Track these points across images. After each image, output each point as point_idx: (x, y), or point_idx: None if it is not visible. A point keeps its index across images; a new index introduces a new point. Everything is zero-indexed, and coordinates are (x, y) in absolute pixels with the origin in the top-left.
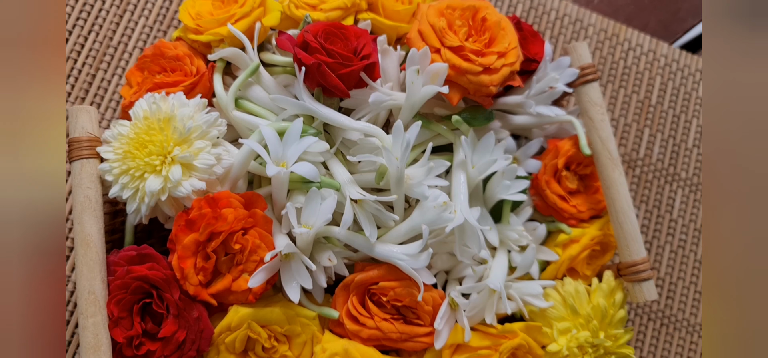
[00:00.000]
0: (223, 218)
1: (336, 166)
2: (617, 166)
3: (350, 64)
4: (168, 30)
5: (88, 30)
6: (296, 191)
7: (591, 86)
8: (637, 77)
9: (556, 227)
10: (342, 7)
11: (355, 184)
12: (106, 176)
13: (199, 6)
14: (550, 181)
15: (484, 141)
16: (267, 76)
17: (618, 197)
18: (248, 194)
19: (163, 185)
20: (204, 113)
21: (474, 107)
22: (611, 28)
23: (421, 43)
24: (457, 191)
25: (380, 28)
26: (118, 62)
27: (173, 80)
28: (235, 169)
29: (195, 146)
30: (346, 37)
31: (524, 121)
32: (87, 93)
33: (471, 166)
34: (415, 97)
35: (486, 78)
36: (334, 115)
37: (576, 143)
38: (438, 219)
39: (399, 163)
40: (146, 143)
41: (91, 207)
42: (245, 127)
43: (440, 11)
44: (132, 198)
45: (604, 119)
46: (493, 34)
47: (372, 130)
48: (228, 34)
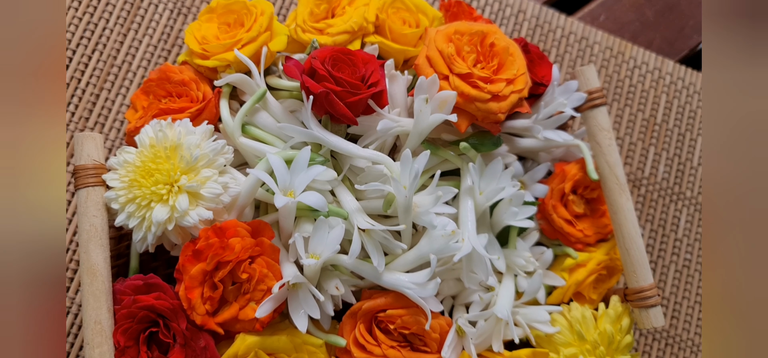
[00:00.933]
0: (230, 247)
1: (343, 194)
2: (625, 192)
3: (358, 93)
4: (172, 49)
5: (91, 49)
6: (303, 218)
7: (599, 111)
8: (643, 95)
9: (562, 251)
10: (349, 31)
11: (362, 212)
12: (112, 204)
13: (204, 29)
14: (556, 205)
15: (492, 167)
16: (274, 101)
17: (625, 222)
18: (255, 222)
19: (170, 214)
20: (211, 141)
21: (482, 133)
22: (616, 45)
23: (429, 69)
24: (465, 219)
25: (387, 51)
26: (122, 82)
27: (179, 106)
28: (242, 197)
29: (202, 175)
30: (354, 64)
31: (531, 145)
32: (90, 113)
33: (479, 193)
34: (423, 124)
35: (494, 105)
36: (341, 143)
37: (583, 167)
38: (446, 248)
39: (407, 193)
40: (153, 172)
41: (97, 236)
42: (252, 154)
43: (448, 37)
44: (138, 227)
45: (611, 144)
46: (501, 59)
47: (380, 158)
48: (234, 59)
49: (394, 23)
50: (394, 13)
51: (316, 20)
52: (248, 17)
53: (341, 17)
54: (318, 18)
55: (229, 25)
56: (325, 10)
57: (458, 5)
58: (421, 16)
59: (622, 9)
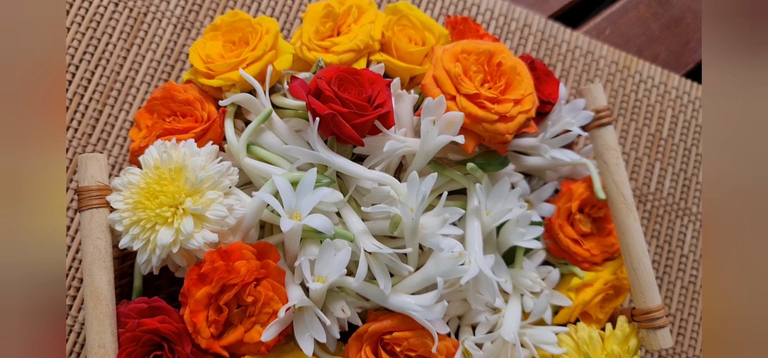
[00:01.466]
0: (235, 271)
1: (349, 215)
2: (632, 212)
3: (365, 114)
4: (176, 64)
5: (95, 64)
6: (309, 240)
7: (606, 130)
8: (648, 110)
9: (568, 270)
10: (355, 50)
11: (369, 234)
12: (116, 227)
13: (209, 48)
14: (563, 224)
15: (499, 188)
16: (279, 121)
17: (633, 243)
18: (260, 244)
19: (175, 237)
20: (216, 162)
21: (489, 153)
22: (622, 59)
23: (436, 89)
24: (472, 240)
25: (393, 69)
26: (125, 98)
27: (184, 126)
28: (247, 219)
29: (207, 197)
30: (360, 84)
31: (538, 163)
32: (93, 130)
33: (485, 214)
34: (430, 145)
35: (502, 126)
36: (348, 165)
37: (589, 185)
38: (453, 270)
39: (414, 215)
40: (157, 194)
41: (101, 258)
42: (257, 175)
43: (455, 56)
44: (142, 249)
45: (619, 163)
46: (508, 79)
47: (386, 179)
48: (239, 78)
49: (400, 41)
50: (400, 30)
51: (322, 38)
52: (253, 35)
53: (347, 35)
54: (323, 36)
55: (233, 43)
56: (330, 28)
57: (464, 22)
58: (427, 33)
59: (628, 23)
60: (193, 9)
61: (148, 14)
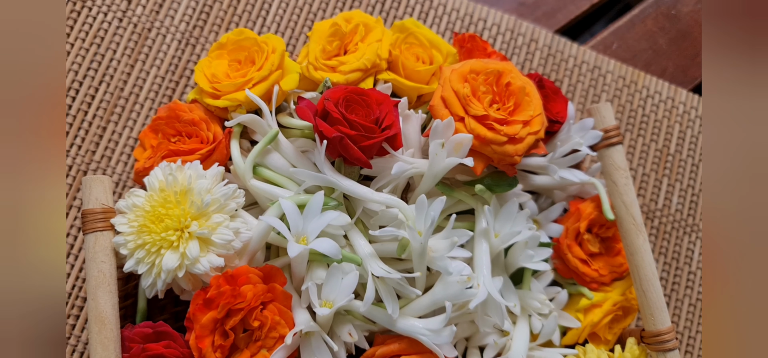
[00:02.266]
0: (242, 295)
1: (357, 238)
2: (641, 233)
3: (373, 136)
4: (180, 80)
5: (98, 80)
6: (316, 263)
7: (615, 149)
8: (656, 125)
9: (576, 290)
10: (362, 69)
11: (376, 257)
12: (121, 250)
13: (214, 67)
14: (571, 245)
15: (507, 209)
16: (285, 142)
17: (642, 264)
18: (267, 267)
19: (181, 261)
20: (222, 185)
21: (497, 173)
22: (629, 74)
23: (444, 110)
24: (480, 262)
25: (401, 88)
26: (129, 115)
27: (189, 147)
28: (253, 243)
29: (213, 220)
30: (368, 105)
31: (546, 182)
32: (97, 147)
33: (494, 235)
34: (438, 167)
35: (511, 148)
36: (355, 187)
37: (598, 205)
38: (461, 294)
39: (422, 239)
40: (163, 217)
41: (106, 282)
42: (264, 197)
43: (464, 76)
44: (147, 273)
45: (628, 183)
46: (517, 99)
47: (394, 202)
48: (245, 98)
49: (408, 59)
50: (407, 48)
51: (328, 57)
52: (259, 55)
53: (354, 54)
54: (330, 55)
55: (239, 62)
56: (337, 47)
57: (472, 40)
58: (435, 51)
59: (635, 37)
60: (197, 24)
61: (153, 30)
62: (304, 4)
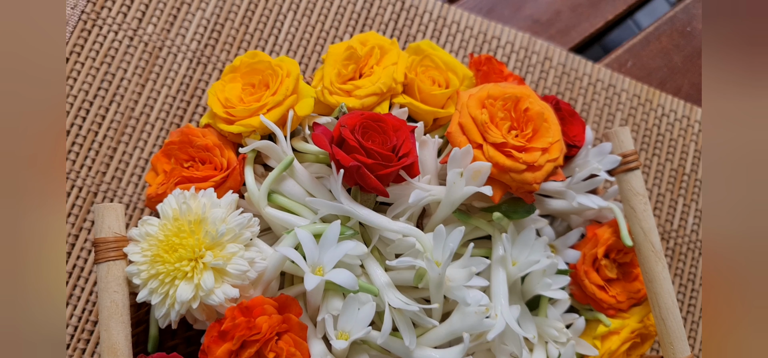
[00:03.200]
0: (257, 327)
1: (373, 267)
2: (660, 260)
3: (390, 165)
4: (191, 100)
5: (109, 100)
6: (332, 292)
7: (633, 174)
8: (671, 144)
9: (593, 316)
10: (377, 93)
11: (393, 287)
12: (134, 279)
13: (228, 91)
14: (588, 271)
15: (525, 236)
16: (300, 169)
17: (661, 292)
18: (282, 298)
19: (195, 292)
20: (236, 214)
21: (514, 200)
22: (644, 93)
23: (462, 137)
24: (497, 292)
25: (416, 112)
26: (140, 134)
27: (203, 174)
28: (268, 272)
29: (227, 250)
30: (385, 131)
31: (562, 207)
32: (108, 167)
33: (511, 263)
34: (455, 196)
35: (529, 176)
36: (372, 216)
37: (615, 229)
38: (479, 324)
39: (440, 270)
40: (176, 247)
41: (118, 312)
42: (279, 225)
43: (481, 102)
44: (161, 303)
45: (646, 209)
46: (536, 125)
47: (411, 231)
48: (260, 124)
49: (424, 83)
50: (423, 71)
51: (344, 81)
52: (274, 79)
53: (369, 78)
54: (345, 79)
55: (253, 86)
56: (352, 71)
57: (488, 62)
58: (451, 74)
59: (650, 54)
60: (208, 43)
61: (164, 48)
62: (317, 22)
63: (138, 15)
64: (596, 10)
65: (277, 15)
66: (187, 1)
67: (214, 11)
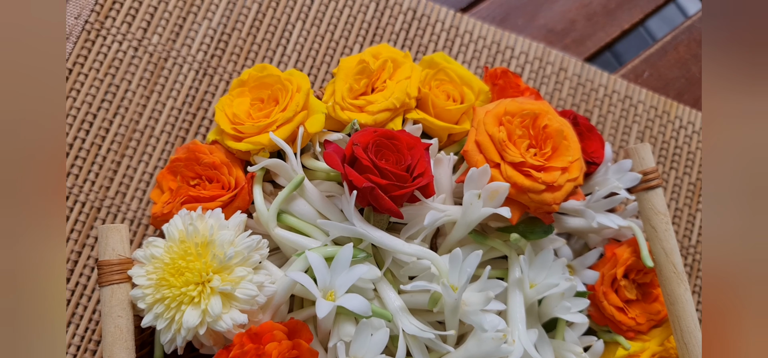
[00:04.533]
0: (266, 354)
1: (386, 291)
2: (683, 282)
3: (404, 185)
4: (197, 112)
5: (113, 113)
6: (343, 316)
7: (654, 193)
8: (689, 157)
9: (612, 338)
10: (390, 109)
11: (407, 311)
12: (139, 303)
13: (236, 106)
14: (607, 292)
15: (542, 257)
16: (311, 188)
17: (684, 315)
18: (292, 323)
19: (202, 318)
20: (245, 236)
21: (532, 220)
22: (662, 104)
23: (479, 156)
24: (514, 316)
25: (430, 128)
26: (145, 148)
27: (210, 194)
28: (277, 296)
29: (236, 274)
30: (399, 150)
31: (581, 225)
32: (111, 182)
33: (529, 286)
34: (472, 217)
35: (548, 196)
36: (386, 239)
37: (635, 249)
38: (496, 351)
39: (456, 295)
40: (183, 270)
41: (122, 338)
42: (289, 247)
43: (498, 118)
44: (166, 329)
45: (668, 229)
46: (555, 143)
47: (426, 254)
48: (269, 141)
49: (438, 98)
50: (437, 86)
51: (356, 96)
52: (283, 94)
53: (382, 93)
54: (357, 94)
55: (262, 101)
56: (364, 85)
57: (504, 75)
58: (466, 89)
59: (667, 65)
60: (215, 54)
61: (169, 59)
62: (326, 32)
63: (143, 24)
64: (611, 19)
65: (285, 25)
66: (193, 11)
67: (221, 21)
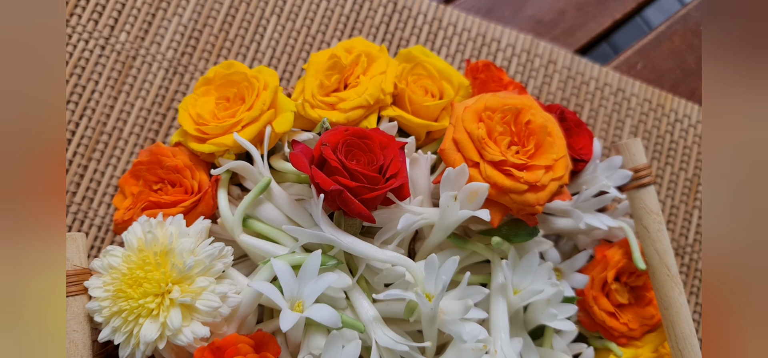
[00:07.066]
0: None
1: (359, 299)
2: (677, 285)
3: (376, 188)
4: (167, 113)
5: (79, 115)
6: (313, 328)
7: (646, 191)
8: (685, 152)
9: (603, 345)
10: (364, 106)
11: (381, 322)
12: (96, 317)
13: (200, 106)
14: (597, 296)
15: (527, 261)
16: (278, 191)
17: (678, 320)
18: (259, 334)
19: (161, 331)
20: (207, 244)
21: (515, 221)
22: (656, 97)
23: (457, 155)
24: (497, 324)
25: (407, 126)
26: (112, 151)
27: (172, 199)
28: (243, 307)
29: (197, 285)
30: (371, 150)
31: (568, 226)
32: (78, 187)
33: (513, 292)
34: (449, 220)
35: (532, 197)
36: (357, 245)
37: (627, 250)
38: None
39: (432, 305)
40: (141, 281)
41: (78, 354)
42: (255, 254)
43: (478, 114)
44: (125, 343)
45: (661, 229)
46: (538, 140)
47: (400, 261)
48: (234, 143)
49: (415, 93)
50: (415, 81)
51: (327, 93)
52: (250, 92)
53: (355, 89)
54: (328, 91)
55: (228, 99)
56: (336, 82)
57: (486, 69)
58: (445, 83)
59: (661, 56)
60: (186, 51)
61: (138, 58)
62: (302, 27)
63: (110, 22)
64: (603, 9)
65: (259, 20)
66: (162, 7)
67: (191, 17)
